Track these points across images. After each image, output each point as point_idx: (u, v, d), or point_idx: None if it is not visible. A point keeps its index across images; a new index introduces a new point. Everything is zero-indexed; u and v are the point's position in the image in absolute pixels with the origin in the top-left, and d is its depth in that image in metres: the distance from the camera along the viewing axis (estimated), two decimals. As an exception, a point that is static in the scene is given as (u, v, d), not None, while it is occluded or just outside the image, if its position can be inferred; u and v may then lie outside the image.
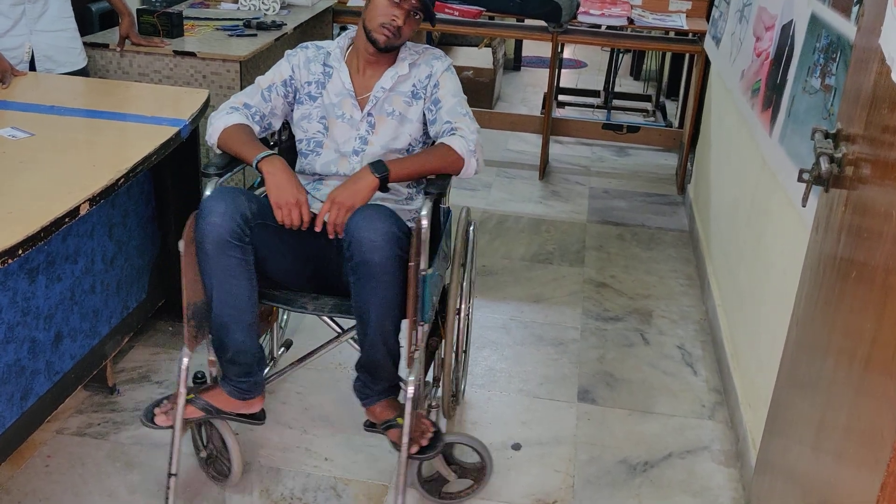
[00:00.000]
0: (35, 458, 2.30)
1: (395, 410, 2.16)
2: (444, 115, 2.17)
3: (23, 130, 2.28)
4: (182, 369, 2.05)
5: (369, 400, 2.18)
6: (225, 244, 1.96)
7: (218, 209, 1.96)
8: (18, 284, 2.05)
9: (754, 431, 2.34)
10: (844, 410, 1.24)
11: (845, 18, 1.97)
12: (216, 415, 2.14)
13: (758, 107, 2.66)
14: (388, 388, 2.18)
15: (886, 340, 1.07)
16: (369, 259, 1.92)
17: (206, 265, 2.00)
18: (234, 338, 2.06)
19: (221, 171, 2.10)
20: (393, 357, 2.10)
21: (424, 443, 2.08)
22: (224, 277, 2.00)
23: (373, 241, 1.91)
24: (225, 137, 2.13)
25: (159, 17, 3.32)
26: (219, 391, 2.14)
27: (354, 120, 2.21)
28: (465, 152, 2.09)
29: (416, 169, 2.09)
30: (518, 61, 7.03)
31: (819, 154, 1.52)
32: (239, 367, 2.11)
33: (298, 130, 2.26)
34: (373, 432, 2.20)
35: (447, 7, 4.41)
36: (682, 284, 3.49)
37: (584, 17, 4.33)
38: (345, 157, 2.22)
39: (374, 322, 2.01)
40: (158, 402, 2.14)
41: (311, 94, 2.23)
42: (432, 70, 2.22)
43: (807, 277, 1.70)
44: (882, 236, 1.19)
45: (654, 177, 4.73)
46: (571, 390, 2.74)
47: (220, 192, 2.03)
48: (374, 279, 1.95)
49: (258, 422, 2.22)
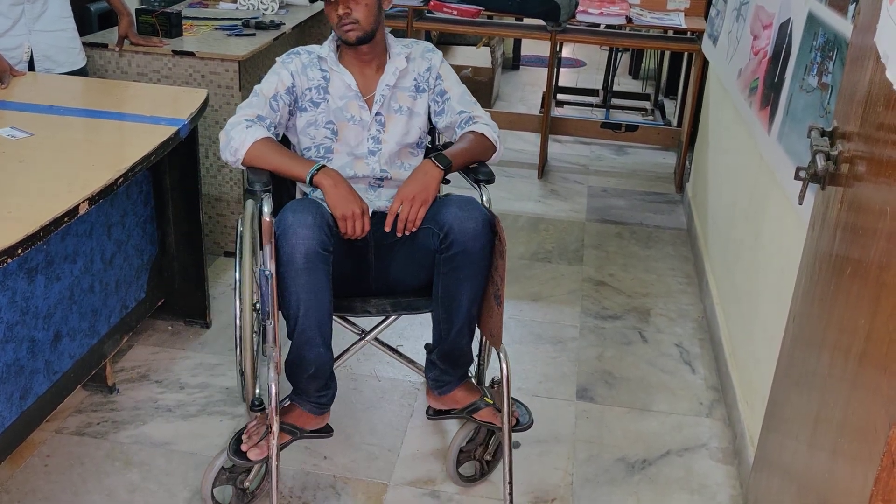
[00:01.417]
0: (34, 457, 2.30)
1: (475, 393, 2.23)
2: (455, 105, 2.25)
3: (22, 130, 2.28)
4: (272, 395, 1.97)
5: (448, 387, 2.23)
6: (317, 256, 1.93)
7: (306, 222, 1.92)
8: (17, 284, 2.05)
9: (752, 429, 2.34)
10: (839, 406, 1.25)
11: (842, 17, 1.98)
12: (301, 436, 2.12)
13: (756, 105, 2.66)
14: (465, 373, 2.24)
15: (880, 336, 1.08)
16: (471, 247, 2.00)
17: (296, 282, 1.94)
18: (317, 352, 2.03)
19: (268, 188, 2.00)
20: (471, 342, 2.18)
21: (517, 415, 2.20)
22: (313, 291, 1.96)
23: (476, 229, 2.00)
24: (257, 153, 2.06)
25: (158, 17, 3.32)
26: (299, 411, 2.12)
27: (364, 121, 2.21)
28: (495, 139, 2.22)
29: (468, 157, 2.18)
30: (517, 60, 7.04)
31: (815, 152, 1.52)
32: (318, 381, 2.09)
33: (305, 138, 2.22)
34: (445, 418, 2.29)
35: (445, 6, 4.41)
36: (681, 283, 3.49)
37: (583, 16, 4.33)
38: (360, 158, 2.22)
39: (465, 309, 2.07)
40: (236, 436, 2.07)
41: (314, 99, 2.20)
42: (431, 63, 2.27)
43: (803, 274, 1.71)
44: (876, 233, 1.20)
45: (653, 175, 4.73)
46: (570, 388, 2.75)
47: (300, 204, 1.99)
48: (472, 266, 2.02)
49: (327, 435, 2.20)
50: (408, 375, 2.75)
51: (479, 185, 2.18)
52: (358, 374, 2.74)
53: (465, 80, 2.47)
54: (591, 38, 4.55)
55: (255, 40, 3.41)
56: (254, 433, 2.04)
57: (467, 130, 2.20)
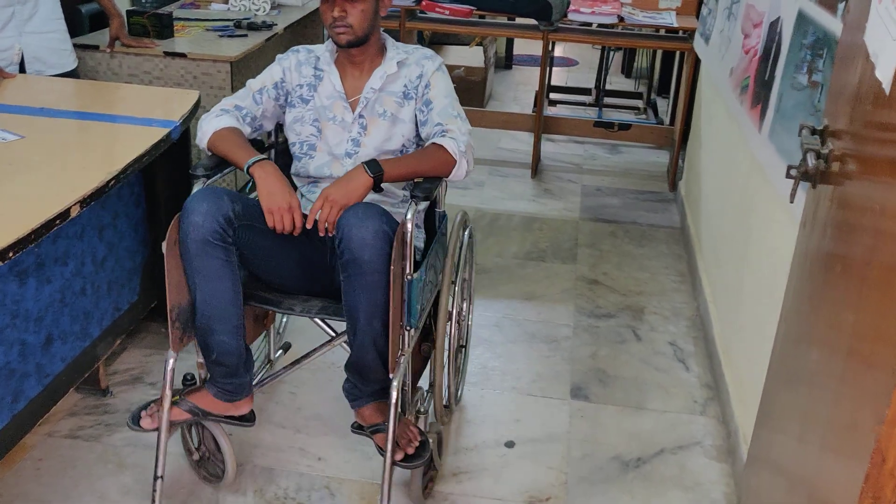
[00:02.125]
0: (26, 461, 2.30)
1: (383, 414, 2.13)
2: (435, 117, 2.16)
3: (13, 133, 2.28)
4: (167, 371, 2.04)
5: (358, 402, 2.17)
6: (207, 244, 1.96)
7: (200, 209, 1.96)
8: (8, 287, 2.05)
9: (745, 426, 2.35)
10: (828, 403, 1.25)
11: (831, 15, 1.98)
12: (203, 417, 2.14)
13: (747, 103, 2.67)
14: (379, 391, 2.14)
15: (865, 333, 1.08)
16: (359, 257, 1.91)
17: (189, 266, 2.00)
18: (218, 339, 2.05)
19: (209, 173, 2.11)
20: (383, 359, 2.05)
21: (410, 451, 2.07)
22: (207, 278, 2.00)
23: (363, 238, 1.90)
24: (215, 140, 2.12)
25: (149, 18, 3.32)
26: (205, 393, 2.14)
27: (346, 122, 2.20)
28: (457, 153, 2.08)
29: (410, 169, 2.07)
30: (509, 60, 7.04)
31: (806, 150, 1.52)
32: (224, 368, 2.10)
33: (291, 134, 2.26)
34: (360, 434, 2.19)
35: (438, 6, 4.41)
36: (674, 281, 3.50)
37: (575, 15, 4.34)
38: (337, 159, 2.21)
39: (363, 322, 1.99)
40: (146, 405, 2.14)
41: (303, 97, 2.23)
42: (423, 70, 2.21)
43: (795, 272, 1.71)
44: (864, 230, 1.20)
45: (646, 174, 4.74)
46: (564, 387, 2.75)
47: (203, 192, 2.02)
48: (363, 277, 1.93)
49: (247, 424, 2.22)
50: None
51: (411, 199, 2.01)
52: (352, 375, 2.74)
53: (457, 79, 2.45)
54: (584, 37, 4.55)
55: (246, 41, 3.41)
56: (159, 405, 2.09)
57: (430, 142, 2.12)
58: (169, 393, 2.05)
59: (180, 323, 2.06)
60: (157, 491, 2.07)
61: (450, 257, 2.27)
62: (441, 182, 2.14)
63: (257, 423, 2.42)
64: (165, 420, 2.06)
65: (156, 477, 2.07)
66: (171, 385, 2.05)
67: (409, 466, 2.08)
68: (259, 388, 2.33)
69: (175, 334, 2.05)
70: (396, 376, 2.01)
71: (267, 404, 2.57)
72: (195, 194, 2.02)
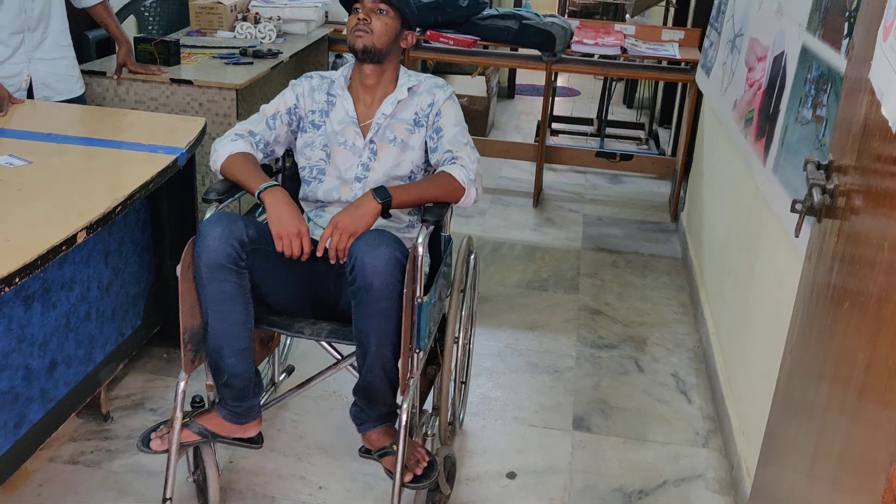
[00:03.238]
0: (27, 486, 2.28)
1: (390, 438, 2.15)
2: (445, 144, 2.19)
3: (20, 158, 2.29)
4: (178, 393, 2.05)
5: (365, 426, 2.18)
6: (220, 268, 1.99)
7: (214, 233, 1.99)
8: (14, 311, 2.05)
9: (748, 459, 2.34)
10: (838, 439, 1.25)
11: (835, 51, 2.00)
12: (212, 439, 2.14)
13: (751, 136, 2.69)
14: (385, 415, 2.17)
15: (879, 370, 1.08)
16: (370, 283, 1.93)
17: (201, 289, 2.02)
18: (228, 362, 2.07)
19: (221, 197, 2.14)
20: (391, 383, 2.08)
21: (419, 472, 2.08)
22: (219, 301, 2.02)
23: (374, 265, 1.93)
24: (228, 165, 2.15)
25: (156, 46, 3.35)
26: (214, 415, 2.15)
27: (357, 147, 2.24)
28: (466, 181, 2.11)
29: (417, 196, 2.10)
30: (512, 89, 7.09)
31: (811, 185, 1.53)
32: (234, 391, 2.12)
33: (301, 158, 2.29)
34: (368, 458, 2.19)
35: (442, 36, 4.45)
36: (676, 312, 3.50)
37: (578, 46, 4.37)
38: (347, 183, 2.23)
39: (373, 347, 2.01)
40: (155, 427, 2.15)
41: (315, 122, 2.27)
42: (434, 99, 2.25)
43: (800, 306, 1.71)
44: (875, 266, 1.20)
45: (648, 204, 4.75)
46: (566, 418, 2.74)
47: (218, 216, 2.05)
48: (374, 304, 1.96)
49: (255, 446, 2.23)
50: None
51: (421, 224, 2.07)
52: (354, 403, 2.73)
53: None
54: (586, 67, 4.58)
55: (252, 69, 3.43)
56: (169, 426, 2.10)
57: (439, 169, 2.15)
58: (179, 415, 2.06)
59: (192, 345, 2.08)
60: None
61: (457, 281, 2.29)
62: (449, 207, 2.18)
63: (257, 451, 2.43)
64: (176, 442, 2.06)
65: (165, 499, 2.07)
66: (181, 407, 2.06)
67: (417, 487, 2.08)
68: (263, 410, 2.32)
69: (187, 356, 2.07)
70: (406, 398, 2.03)
71: (269, 432, 2.56)
72: (209, 218, 2.04)
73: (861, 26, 1.55)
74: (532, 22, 4.29)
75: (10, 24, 2.76)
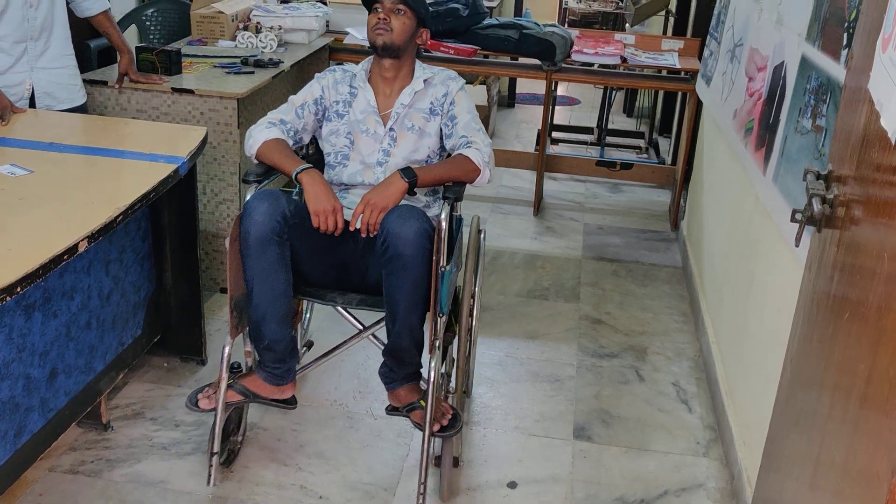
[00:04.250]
0: (27, 495, 2.28)
1: (417, 394, 2.37)
2: (460, 130, 2.43)
3: (22, 167, 2.29)
4: (224, 356, 2.26)
5: (394, 384, 2.38)
6: (267, 240, 2.19)
7: (260, 209, 2.20)
8: (14, 321, 2.05)
9: (750, 469, 2.34)
10: (840, 449, 1.25)
11: (834, 61, 2.01)
12: (253, 399, 2.36)
13: (751, 146, 2.69)
14: (412, 374, 2.38)
15: (881, 380, 1.08)
16: (402, 252, 2.14)
17: (248, 260, 2.22)
18: (270, 327, 2.27)
19: (260, 178, 2.35)
20: (417, 345, 2.31)
21: (445, 423, 2.29)
22: (265, 271, 2.22)
23: (406, 236, 2.14)
24: (264, 150, 2.36)
25: (158, 55, 3.35)
26: (255, 377, 2.36)
27: (378, 134, 2.46)
28: (481, 163, 2.36)
29: (439, 175, 2.34)
30: (512, 98, 7.10)
31: (811, 195, 1.54)
32: (273, 354, 2.31)
33: (326, 145, 2.50)
34: (395, 415, 2.41)
35: (442, 45, 4.46)
36: (677, 321, 3.50)
37: (578, 55, 4.38)
38: (369, 167, 2.46)
39: (402, 311, 2.22)
40: (200, 388, 2.36)
41: (339, 112, 2.48)
42: (448, 89, 2.49)
43: (801, 315, 1.71)
44: (874, 276, 1.21)
45: (648, 213, 4.76)
46: (567, 428, 2.74)
47: (262, 194, 2.26)
48: (405, 271, 2.17)
49: (290, 406, 2.44)
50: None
51: (443, 200, 2.29)
52: (354, 413, 2.73)
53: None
54: (586, 77, 4.59)
55: (253, 78, 3.44)
56: (214, 387, 2.31)
57: (456, 153, 2.38)
58: (226, 376, 2.27)
59: (237, 312, 2.29)
60: (213, 465, 2.30)
61: (471, 252, 2.52)
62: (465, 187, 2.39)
63: (258, 461, 2.44)
64: (222, 400, 2.27)
65: (212, 453, 2.30)
66: (226, 369, 2.27)
67: (445, 435, 2.29)
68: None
69: (232, 322, 2.29)
70: (435, 356, 2.24)
71: (268, 441, 2.56)
72: (255, 195, 2.25)
73: (860, 37, 1.55)
74: (532, 31, 4.30)
75: (12, 33, 2.77)
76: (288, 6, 4.39)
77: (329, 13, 4.51)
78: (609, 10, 7.32)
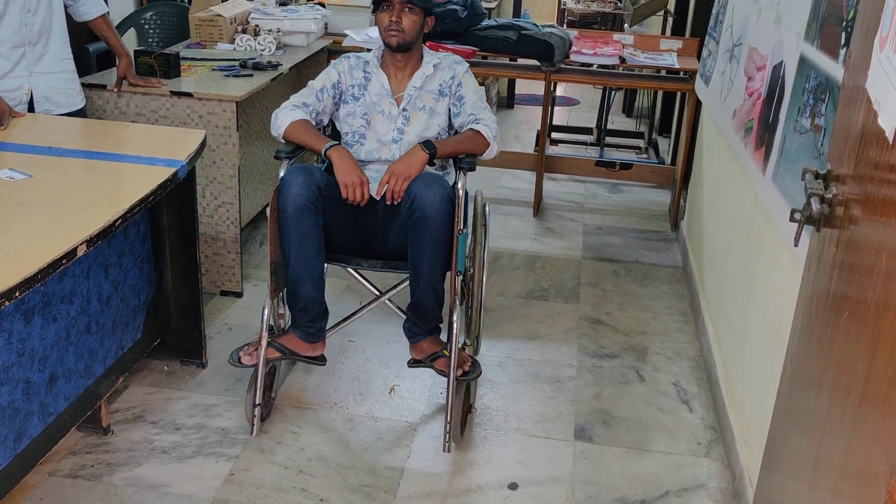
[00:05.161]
0: (27, 500, 2.28)
1: (439, 345, 2.64)
2: (468, 109, 2.70)
3: (21, 172, 2.29)
4: (265, 316, 2.51)
5: (417, 338, 2.66)
6: (304, 209, 2.43)
7: (297, 181, 2.43)
8: (14, 325, 2.05)
9: (751, 469, 2.33)
10: (839, 449, 1.25)
11: (833, 60, 2.00)
12: (289, 356, 2.60)
13: (751, 146, 2.69)
14: (433, 328, 2.67)
15: (879, 379, 1.08)
16: (428, 215, 2.40)
17: (286, 228, 2.45)
18: (306, 289, 2.52)
19: (290, 155, 2.60)
20: (438, 301, 2.58)
21: (466, 368, 2.56)
22: (302, 238, 2.45)
23: (431, 201, 2.40)
24: (291, 130, 2.61)
25: (156, 58, 3.35)
26: (291, 336, 2.61)
27: (392, 115, 2.71)
28: (490, 137, 2.64)
29: (454, 148, 2.61)
30: (511, 99, 7.10)
31: (810, 195, 1.53)
32: (308, 315, 2.57)
33: (344, 125, 2.75)
34: (417, 367, 2.69)
35: (441, 47, 4.46)
36: (677, 321, 3.50)
37: (577, 56, 4.38)
38: (385, 145, 2.71)
39: (426, 270, 2.47)
40: (241, 347, 2.61)
41: (355, 95, 2.73)
42: (455, 72, 2.75)
43: (800, 315, 1.71)
44: (873, 275, 1.21)
45: (648, 213, 4.75)
46: (568, 428, 2.74)
47: (297, 168, 2.50)
48: (430, 233, 2.42)
49: (320, 363, 2.68)
50: (404, 416, 2.74)
51: (458, 170, 2.57)
52: (355, 415, 2.73)
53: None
54: (585, 77, 4.59)
55: (252, 81, 3.44)
56: (255, 345, 2.56)
57: (467, 128, 2.65)
58: (266, 334, 2.51)
59: (275, 276, 2.53)
60: (255, 416, 2.54)
61: (479, 219, 2.77)
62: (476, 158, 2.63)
63: (259, 464, 2.43)
64: (263, 356, 2.51)
65: (255, 405, 2.53)
66: (266, 328, 2.52)
67: (468, 379, 2.56)
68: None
69: (271, 285, 2.53)
70: (457, 309, 2.52)
71: (269, 444, 2.56)
72: (291, 169, 2.50)
73: (858, 36, 1.55)
74: (531, 32, 4.30)
75: (10, 37, 2.78)
76: (286, 9, 4.39)
77: (327, 15, 4.51)
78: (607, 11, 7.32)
